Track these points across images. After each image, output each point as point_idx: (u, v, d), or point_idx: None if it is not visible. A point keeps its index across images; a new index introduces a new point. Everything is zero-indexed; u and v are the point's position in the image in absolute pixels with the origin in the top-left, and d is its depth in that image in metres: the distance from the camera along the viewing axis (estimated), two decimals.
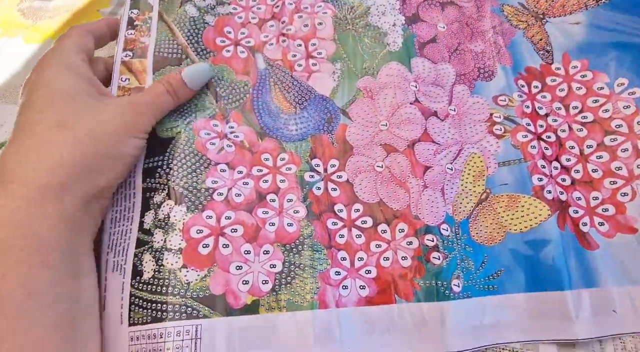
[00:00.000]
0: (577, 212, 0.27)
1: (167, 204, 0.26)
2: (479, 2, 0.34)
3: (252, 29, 0.33)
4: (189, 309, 0.24)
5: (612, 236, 0.26)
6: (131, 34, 0.30)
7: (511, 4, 0.34)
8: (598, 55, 0.31)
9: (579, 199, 0.27)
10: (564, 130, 0.29)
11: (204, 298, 0.24)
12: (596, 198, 0.27)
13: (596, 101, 0.30)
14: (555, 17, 0.33)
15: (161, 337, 0.23)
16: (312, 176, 0.28)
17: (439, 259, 0.26)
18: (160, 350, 0.23)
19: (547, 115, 0.30)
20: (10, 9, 0.44)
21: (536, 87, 0.31)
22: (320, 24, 0.33)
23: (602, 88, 0.30)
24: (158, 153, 0.27)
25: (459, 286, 0.25)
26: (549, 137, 0.29)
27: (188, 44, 0.31)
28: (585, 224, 0.27)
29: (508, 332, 0.25)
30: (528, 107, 0.30)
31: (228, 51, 0.32)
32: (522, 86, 0.31)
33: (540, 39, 0.32)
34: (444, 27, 0.33)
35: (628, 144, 0.28)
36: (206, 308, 0.24)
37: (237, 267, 0.25)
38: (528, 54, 0.32)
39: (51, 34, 0.41)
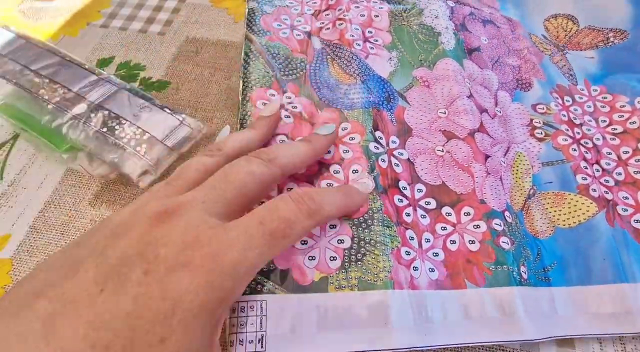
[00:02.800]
0: (626, 210, 0.27)
1: None
2: (512, 26, 0.36)
3: (308, 18, 0.34)
4: (253, 282, 0.22)
5: None
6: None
7: (536, 34, 0.36)
8: (614, 85, 0.33)
9: (626, 198, 0.28)
10: (598, 139, 0.30)
11: (269, 272, 0.23)
12: None
13: (621, 116, 0.31)
14: (572, 50, 0.36)
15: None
16: (377, 147, 0.27)
17: (507, 244, 0.25)
18: (224, 328, 0.21)
19: (581, 124, 0.31)
20: (11, 10, 0.43)
21: (568, 101, 0.32)
22: (377, 16, 0.34)
23: (624, 106, 0.32)
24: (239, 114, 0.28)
25: (525, 273, 0.25)
26: (587, 143, 0.30)
27: (246, 29, 0.32)
28: (637, 221, 0.27)
29: (574, 324, 0.24)
30: (565, 115, 0.31)
31: (284, 33, 0.33)
32: (557, 98, 0.32)
33: (564, 65, 0.34)
34: (485, 41, 0.35)
35: None
36: (271, 283, 0.22)
37: (302, 242, 0.24)
38: (556, 74, 0.34)
39: (52, 35, 0.41)
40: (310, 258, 0.23)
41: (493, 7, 0.37)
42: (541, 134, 0.30)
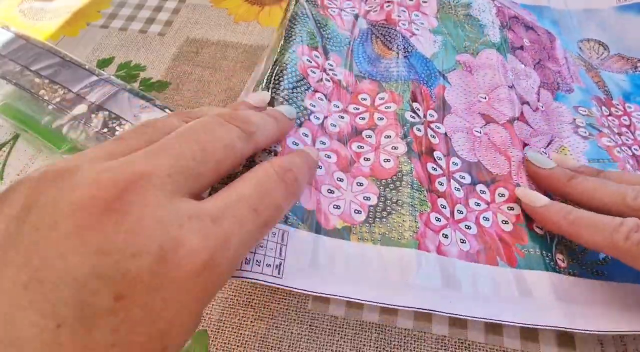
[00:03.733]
0: None
1: None
2: (551, 37, 0.36)
3: (357, 2, 0.35)
4: None
5: None
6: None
7: (571, 51, 0.37)
8: None
9: None
10: (636, 149, 0.30)
11: (295, 208, 0.22)
12: None
13: None
14: (605, 71, 0.36)
15: None
16: (413, 117, 0.28)
17: (541, 229, 0.25)
18: None
19: (619, 134, 0.31)
20: (10, 10, 0.43)
21: (605, 111, 0.32)
22: (425, 1, 0.35)
23: None
24: (267, 66, 0.27)
25: (564, 262, 0.24)
26: (626, 150, 0.30)
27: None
28: None
29: (618, 320, 0.22)
30: (605, 121, 0.31)
31: (333, 11, 0.33)
32: (596, 105, 0.32)
33: (599, 81, 0.35)
34: (528, 43, 0.35)
35: None
36: (295, 217, 0.22)
37: (329, 191, 0.24)
38: (593, 86, 0.34)
39: (52, 35, 0.41)
40: (335, 206, 0.23)
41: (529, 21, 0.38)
42: (585, 133, 0.30)
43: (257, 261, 0.20)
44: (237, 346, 0.25)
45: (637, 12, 0.38)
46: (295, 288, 0.20)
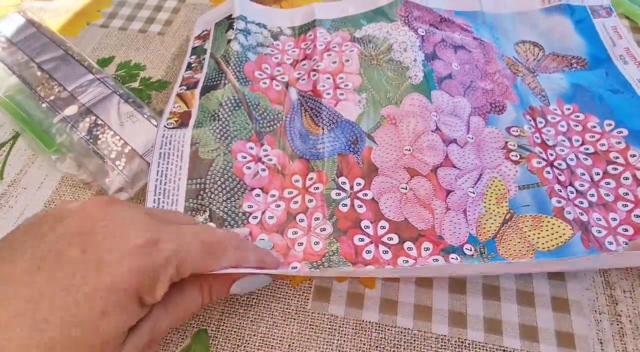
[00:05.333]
0: (600, 232, 0.27)
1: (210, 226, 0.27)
2: (485, 50, 0.36)
3: (287, 68, 0.36)
4: None
5: None
6: (188, 73, 0.36)
7: (508, 56, 0.37)
8: (585, 104, 0.34)
9: (599, 219, 0.28)
10: (572, 159, 0.31)
11: None
12: (614, 219, 0.28)
13: (592, 136, 0.32)
14: (542, 73, 0.36)
15: None
16: (339, 194, 0.29)
17: None
18: None
19: (554, 146, 0.31)
20: (10, 9, 0.43)
21: (540, 122, 0.32)
22: (347, 60, 0.36)
23: (594, 127, 0.32)
24: (201, 174, 0.29)
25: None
26: (560, 164, 0.30)
27: (230, 71, 0.34)
28: (611, 243, 0.27)
29: None
30: (537, 138, 0.31)
31: (265, 83, 0.35)
32: (529, 120, 0.32)
33: (535, 87, 0.35)
34: (457, 67, 0.35)
35: (628, 173, 0.30)
36: None
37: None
38: (529, 95, 0.34)
39: None
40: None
41: (466, 30, 0.37)
42: (516, 156, 0.30)
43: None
44: (237, 345, 0.25)
45: (561, 12, 0.39)
46: None
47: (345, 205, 0.28)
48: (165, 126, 0.32)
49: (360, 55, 0.36)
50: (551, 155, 0.30)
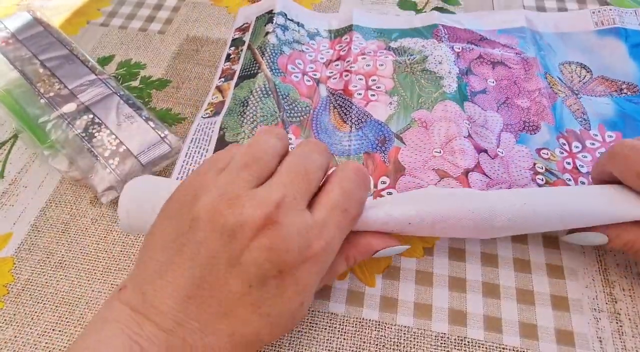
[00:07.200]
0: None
1: None
2: (527, 66, 0.36)
3: (319, 66, 0.37)
4: None
5: None
6: (226, 65, 0.37)
7: (552, 75, 0.36)
8: (630, 133, 0.32)
9: None
10: None
11: None
12: None
13: None
14: (587, 95, 0.35)
15: None
16: None
17: None
18: None
19: (589, 173, 0.30)
20: (10, 8, 0.44)
21: (577, 147, 0.31)
22: (382, 65, 0.36)
23: None
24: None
25: None
26: None
27: (264, 62, 0.35)
28: None
29: None
30: (569, 163, 0.30)
31: (296, 77, 0.35)
32: (564, 144, 0.31)
33: (577, 109, 0.34)
34: (493, 83, 0.35)
35: None
36: None
37: None
38: (568, 118, 0.33)
39: None
40: None
41: (509, 46, 0.37)
42: (542, 180, 0.29)
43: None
44: None
45: (615, 35, 0.37)
46: None
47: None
48: (202, 117, 0.33)
49: (394, 61, 0.36)
50: (582, 183, 0.29)
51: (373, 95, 0.34)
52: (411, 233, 0.24)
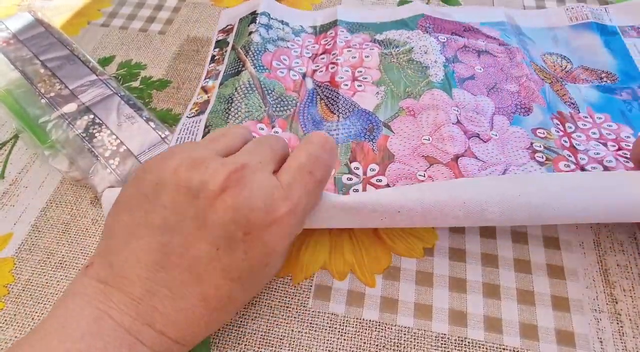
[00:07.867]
0: None
1: None
2: (511, 54, 0.36)
3: (305, 61, 0.37)
4: None
5: None
6: (211, 66, 0.37)
7: (536, 63, 0.36)
8: (616, 115, 0.33)
9: None
10: (610, 161, 0.29)
11: None
12: None
13: (628, 146, 0.31)
14: (571, 83, 0.36)
15: None
16: (350, 179, 0.29)
17: None
18: None
19: (587, 150, 0.30)
20: (11, 9, 0.44)
21: (570, 127, 0.32)
22: (367, 56, 0.36)
23: (628, 137, 0.31)
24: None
25: None
26: (595, 168, 0.29)
27: (248, 60, 0.35)
28: None
29: None
30: (566, 141, 0.30)
31: (282, 72, 0.35)
32: (557, 124, 0.31)
33: (564, 94, 0.35)
34: (480, 70, 0.35)
35: None
36: None
37: None
38: (557, 101, 0.33)
39: None
40: None
41: (492, 37, 0.37)
42: (542, 157, 0.29)
43: None
44: (238, 343, 0.25)
45: (589, 29, 0.39)
46: None
47: (357, 190, 0.28)
48: (187, 116, 0.33)
49: (380, 53, 0.36)
50: (582, 159, 0.29)
51: (360, 85, 0.34)
52: (402, 224, 0.24)
